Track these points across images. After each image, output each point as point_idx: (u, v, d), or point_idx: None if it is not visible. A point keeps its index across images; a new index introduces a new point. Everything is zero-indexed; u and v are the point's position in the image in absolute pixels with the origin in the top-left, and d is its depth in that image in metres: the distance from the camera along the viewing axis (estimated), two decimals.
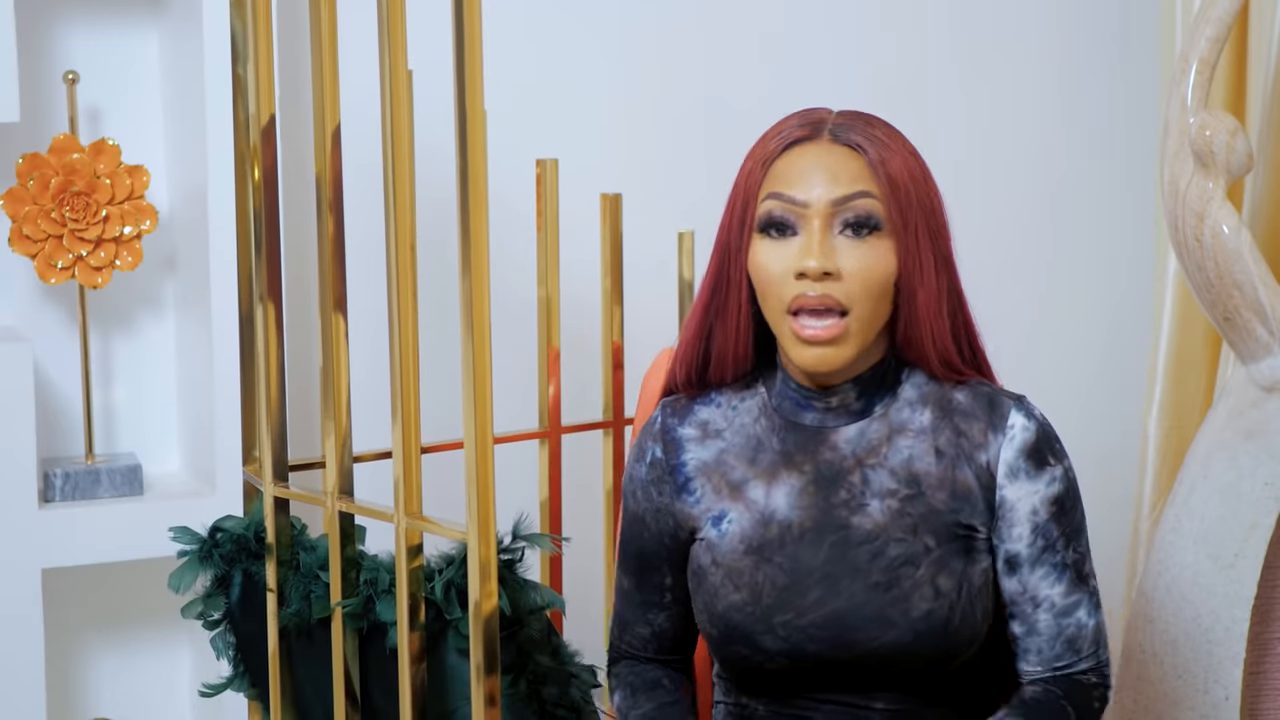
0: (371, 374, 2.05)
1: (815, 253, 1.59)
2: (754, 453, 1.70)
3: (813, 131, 1.64)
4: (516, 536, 1.68)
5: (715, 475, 1.70)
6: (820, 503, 1.66)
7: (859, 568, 1.63)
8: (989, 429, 1.66)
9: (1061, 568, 1.66)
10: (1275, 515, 2.10)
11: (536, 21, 2.51)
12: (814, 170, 1.62)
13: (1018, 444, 1.65)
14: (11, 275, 2.28)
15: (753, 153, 1.67)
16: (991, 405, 1.67)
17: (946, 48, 2.79)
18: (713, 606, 1.66)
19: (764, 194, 1.63)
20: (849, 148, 1.63)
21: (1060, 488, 1.66)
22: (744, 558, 1.66)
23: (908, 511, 1.64)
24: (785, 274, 1.61)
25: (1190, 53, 2.16)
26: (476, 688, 1.60)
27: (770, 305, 1.64)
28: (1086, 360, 2.94)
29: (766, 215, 1.62)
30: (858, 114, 1.67)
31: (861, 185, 1.62)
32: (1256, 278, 2.12)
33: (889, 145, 1.64)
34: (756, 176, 1.64)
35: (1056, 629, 1.66)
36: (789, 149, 1.64)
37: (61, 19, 2.29)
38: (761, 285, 1.64)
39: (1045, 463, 1.66)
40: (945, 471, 1.65)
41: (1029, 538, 1.65)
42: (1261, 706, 2.18)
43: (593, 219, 2.18)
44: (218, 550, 1.85)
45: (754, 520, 1.67)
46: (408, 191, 1.65)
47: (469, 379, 1.57)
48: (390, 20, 1.62)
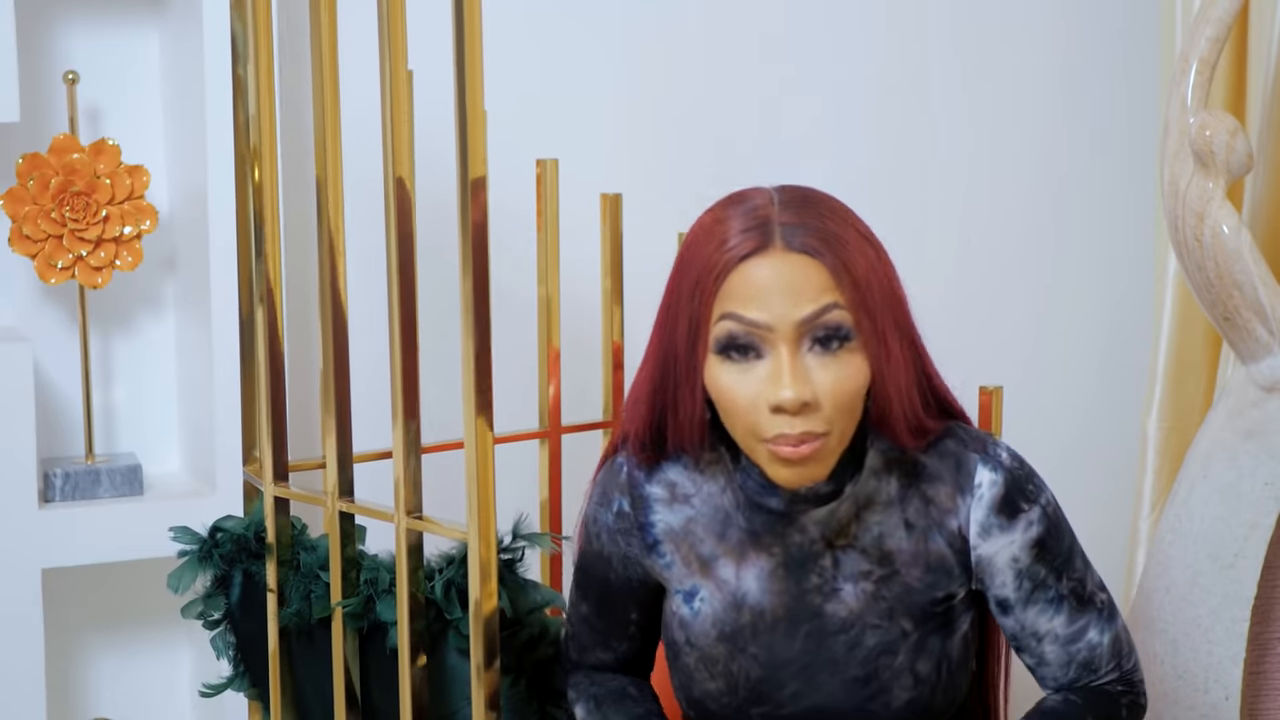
0: (371, 374, 2.05)
1: (789, 382, 1.47)
2: (722, 527, 1.62)
3: (762, 239, 1.49)
4: (516, 536, 1.68)
5: (684, 545, 1.63)
6: (792, 588, 1.60)
7: (836, 660, 1.59)
8: (956, 492, 1.59)
9: (1058, 601, 1.61)
10: (1275, 515, 2.10)
11: (537, 22, 2.51)
12: (773, 289, 1.48)
13: (986, 502, 1.59)
14: (11, 275, 2.28)
15: (696, 256, 1.53)
16: (958, 465, 1.60)
17: (948, 47, 2.79)
18: (689, 689, 1.64)
19: (718, 312, 1.50)
20: (805, 254, 1.49)
21: (1038, 530, 1.60)
22: (717, 644, 1.61)
23: (882, 595, 1.59)
24: (755, 403, 1.49)
25: (1190, 53, 2.16)
26: (477, 688, 1.60)
27: (739, 430, 1.53)
28: (1086, 360, 2.94)
29: (727, 336, 1.50)
30: (803, 200, 1.53)
31: (828, 298, 1.49)
32: (1256, 278, 2.12)
33: (843, 239, 1.50)
34: (707, 290, 1.50)
35: (1066, 656, 1.63)
36: (741, 262, 1.49)
37: (61, 19, 2.29)
38: (727, 410, 1.52)
39: (1018, 511, 1.59)
40: (917, 545, 1.59)
41: (1014, 583, 1.60)
42: (1261, 706, 2.18)
43: (593, 219, 2.18)
44: (218, 550, 1.85)
45: (725, 603, 1.61)
46: (407, 191, 1.65)
47: (469, 379, 1.57)
48: (390, 20, 1.62)
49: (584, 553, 1.72)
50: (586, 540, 1.71)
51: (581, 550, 1.72)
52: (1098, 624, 1.63)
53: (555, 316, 2.09)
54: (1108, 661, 1.64)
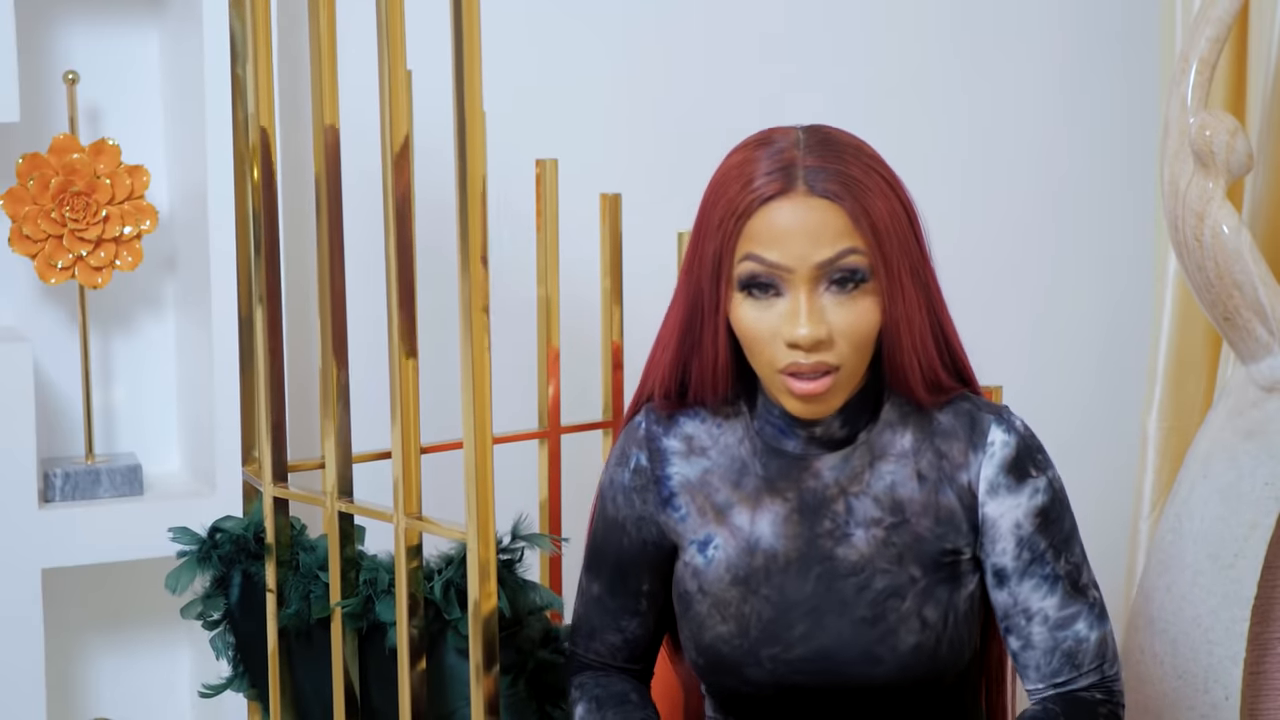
0: (371, 374, 2.05)
1: (805, 321, 1.55)
2: (738, 476, 1.67)
3: (785, 183, 1.55)
4: (516, 536, 1.68)
5: (700, 495, 1.68)
6: (805, 532, 1.64)
7: (846, 601, 1.61)
8: (969, 448, 1.64)
9: (1053, 579, 1.63)
10: (1275, 515, 2.10)
11: (536, 21, 2.51)
12: (794, 232, 1.55)
13: (997, 460, 1.63)
14: (11, 275, 2.28)
15: (721, 197, 1.59)
16: (972, 423, 1.65)
17: (947, 47, 2.79)
18: (700, 637, 1.65)
19: (741, 252, 1.57)
20: (826, 199, 1.55)
21: (1044, 499, 1.63)
22: (730, 588, 1.64)
23: (893, 541, 1.62)
24: (774, 337, 1.57)
25: (1190, 53, 2.16)
26: (476, 688, 1.60)
27: (759, 362, 1.60)
28: (1086, 360, 2.94)
29: (749, 275, 1.57)
30: (826, 143, 1.58)
31: (845, 242, 1.55)
32: (1256, 278, 2.12)
33: (865, 185, 1.57)
34: (730, 230, 1.57)
35: (1053, 642, 1.63)
36: (764, 205, 1.56)
37: (61, 19, 2.29)
38: (748, 342, 1.60)
39: (1026, 475, 1.63)
40: (928, 496, 1.63)
41: (1014, 550, 1.62)
42: (1261, 706, 2.18)
43: (593, 219, 2.18)
44: (217, 551, 1.85)
45: (739, 548, 1.65)
46: (408, 191, 1.65)
47: (468, 379, 1.57)
48: (389, 20, 1.62)
49: (598, 527, 1.74)
50: (601, 510, 1.74)
51: (595, 525, 1.75)
52: (1088, 618, 1.64)
53: (555, 316, 2.09)
54: (1091, 660, 1.64)
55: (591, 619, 1.75)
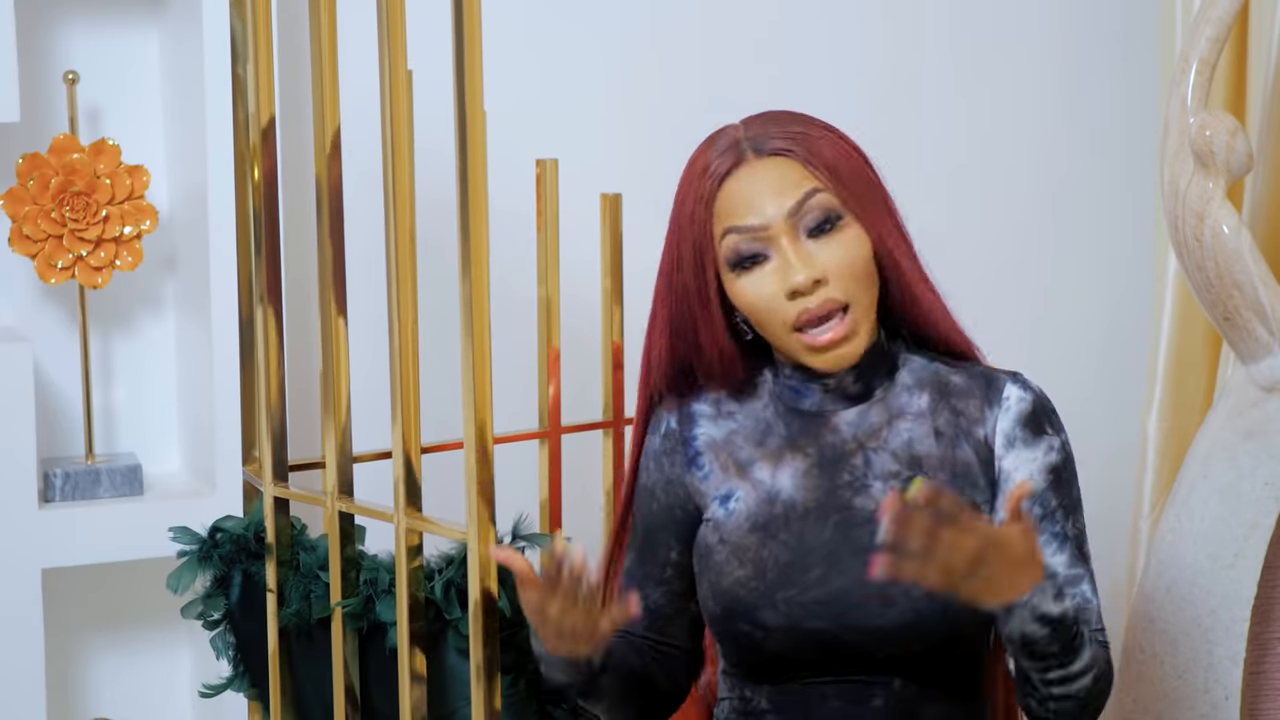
0: (371, 374, 2.05)
1: (797, 265, 1.61)
2: (762, 435, 1.72)
3: (736, 156, 1.64)
4: (516, 536, 1.68)
5: (723, 454, 1.72)
6: (824, 484, 1.68)
7: (862, 546, 1.64)
8: (985, 404, 1.68)
9: (1062, 539, 1.66)
10: (1275, 515, 2.10)
11: (536, 22, 2.51)
12: (756, 192, 1.63)
13: (1014, 414, 1.68)
14: (11, 275, 2.28)
15: (686, 195, 1.67)
16: (988, 381, 1.70)
17: (946, 48, 2.79)
18: (717, 584, 1.67)
19: (719, 231, 1.64)
20: (774, 156, 1.64)
21: (1058, 458, 1.68)
22: (749, 535, 1.68)
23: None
24: (776, 298, 1.63)
25: (1190, 53, 2.16)
26: (476, 688, 1.60)
27: (773, 329, 1.65)
28: (1086, 360, 2.94)
29: (734, 251, 1.63)
30: (764, 116, 1.68)
31: (807, 185, 1.63)
32: (1256, 278, 2.12)
33: (807, 134, 1.65)
34: (701, 216, 1.64)
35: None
36: (724, 181, 1.64)
37: (61, 19, 2.29)
38: (756, 314, 1.65)
39: (1043, 431, 1.68)
40: (945, 451, 1.67)
41: (1026, 505, 1.65)
42: (1261, 706, 2.18)
43: (593, 219, 2.18)
44: (217, 550, 1.85)
45: (760, 499, 1.69)
46: (407, 191, 1.65)
47: (468, 379, 1.57)
48: (390, 20, 1.62)
49: (636, 496, 1.78)
50: (638, 479, 1.78)
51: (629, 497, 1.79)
52: (1090, 584, 1.67)
53: (555, 316, 2.09)
54: (1096, 622, 1.66)
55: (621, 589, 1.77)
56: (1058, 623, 1.54)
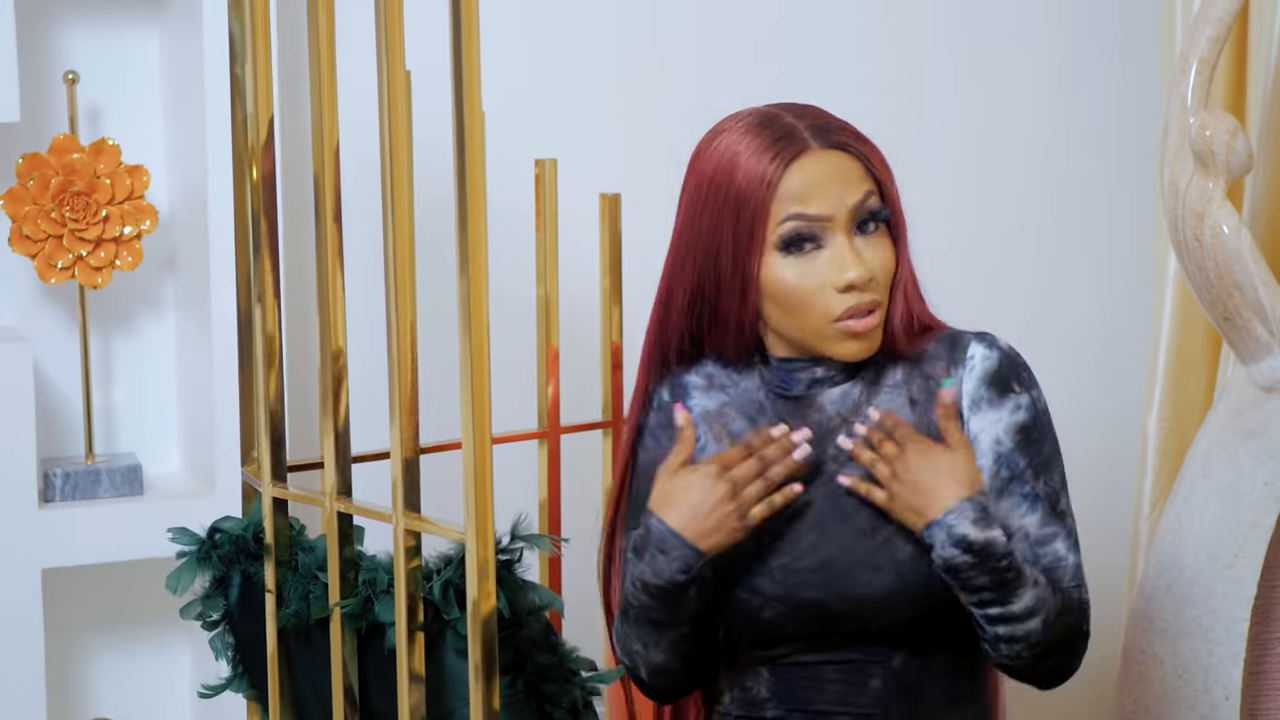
0: (371, 374, 2.05)
1: (853, 263, 1.66)
2: (755, 411, 1.76)
3: (799, 143, 1.68)
4: (515, 537, 1.68)
5: (716, 425, 1.77)
6: (811, 460, 1.72)
7: (847, 514, 1.69)
8: (950, 364, 1.72)
9: (1033, 499, 1.68)
10: (1275, 515, 2.10)
11: (535, 21, 2.51)
12: (825, 182, 1.67)
13: (978, 373, 1.71)
14: (11, 275, 2.28)
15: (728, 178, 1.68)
16: (953, 343, 1.74)
17: (946, 48, 2.79)
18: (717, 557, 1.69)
19: (780, 214, 1.66)
20: (838, 150, 1.68)
21: (1025, 416, 1.70)
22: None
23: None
24: (823, 288, 1.67)
25: (1190, 53, 2.16)
26: (475, 688, 1.60)
27: (809, 317, 1.68)
28: (1086, 360, 2.94)
29: (794, 233, 1.66)
30: (808, 110, 1.72)
31: (866, 185, 1.68)
32: (1256, 278, 2.12)
33: (857, 135, 1.71)
34: (761, 197, 1.66)
35: (1033, 557, 1.67)
36: (790, 165, 1.67)
37: (61, 19, 2.29)
38: (796, 301, 1.68)
39: (1009, 390, 1.70)
40: (920, 419, 1.71)
41: (992, 468, 1.68)
42: (1261, 706, 2.18)
43: (591, 219, 2.18)
44: (216, 551, 1.85)
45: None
46: (406, 191, 1.65)
47: (467, 379, 1.57)
48: (388, 20, 1.62)
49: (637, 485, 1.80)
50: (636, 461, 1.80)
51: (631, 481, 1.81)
52: (1066, 542, 1.68)
53: (554, 316, 2.09)
54: (1070, 580, 1.68)
55: (622, 569, 1.80)
56: (981, 551, 1.58)
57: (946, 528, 1.58)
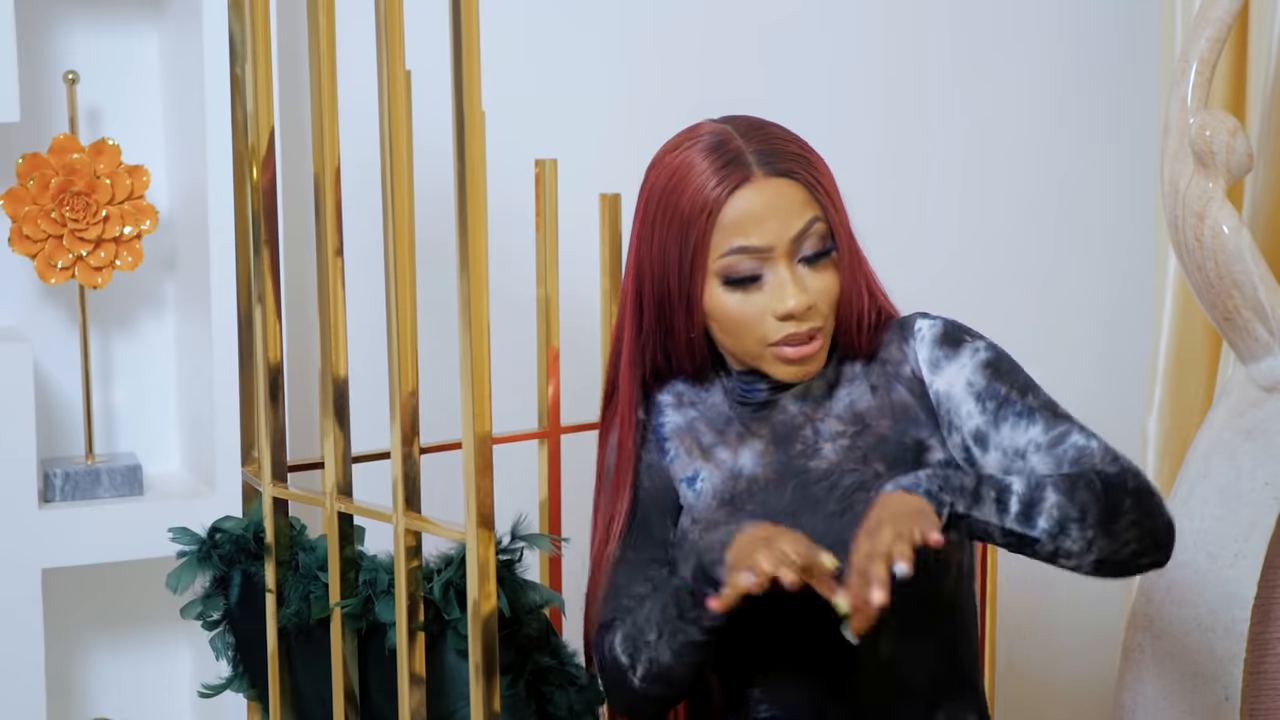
0: (371, 374, 2.05)
1: (793, 293, 1.67)
2: (723, 424, 1.80)
3: (743, 170, 1.67)
4: (515, 537, 1.68)
5: (688, 439, 1.80)
6: (781, 457, 1.76)
7: (818, 500, 1.72)
8: (902, 343, 1.75)
9: (1029, 412, 1.69)
10: (1275, 515, 2.10)
11: (535, 21, 2.51)
12: (766, 213, 1.67)
13: (929, 340, 1.74)
14: (11, 275, 2.28)
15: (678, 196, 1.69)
16: (900, 324, 1.77)
17: (946, 48, 2.79)
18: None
19: (720, 247, 1.68)
20: (783, 178, 1.68)
21: (987, 354, 1.73)
22: (718, 510, 1.75)
23: (857, 445, 1.73)
24: (762, 317, 1.69)
25: (1190, 53, 2.16)
26: (475, 688, 1.60)
27: (746, 341, 1.72)
28: (1086, 361, 2.94)
29: (732, 269, 1.68)
30: (759, 129, 1.71)
31: (810, 212, 1.69)
32: (1256, 278, 2.12)
33: (806, 158, 1.70)
34: (702, 226, 1.68)
35: (1055, 460, 1.67)
36: (731, 195, 1.67)
37: (61, 19, 2.29)
38: (734, 329, 1.71)
39: (961, 341, 1.74)
40: (882, 400, 1.74)
41: (978, 407, 1.70)
42: (1261, 706, 2.18)
43: (591, 218, 2.18)
44: (217, 551, 1.85)
45: (724, 477, 1.78)
46: (406, 191, 1.65)
47: (467, 379, 1.57)
48: (388, 20, 1.62)
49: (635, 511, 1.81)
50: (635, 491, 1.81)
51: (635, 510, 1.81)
52: (1080, 433, 1.69)
53: (554, 316, 2.09)
54: (1104, 458, 1.66)
55: (615, 580, 1.78)
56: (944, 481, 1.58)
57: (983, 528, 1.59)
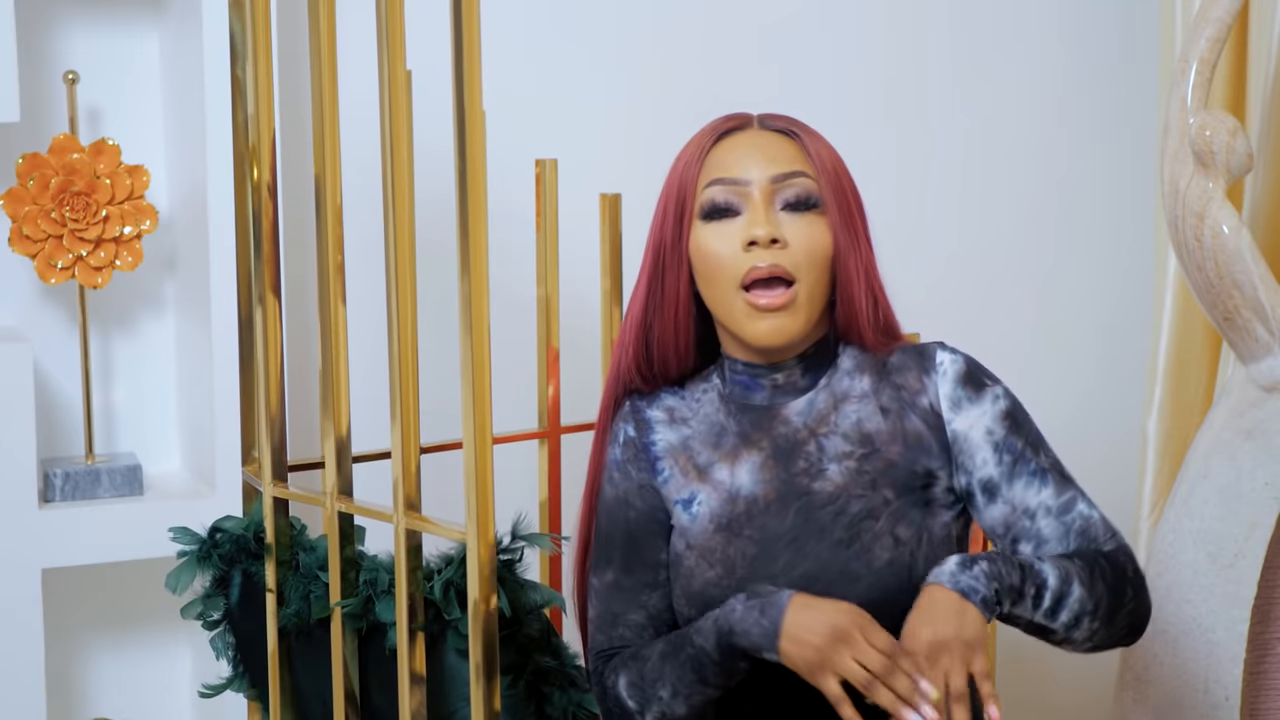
0: (371, 374, 2.05)
1: (763, 222, 1.67)
2: (717, 438, 1.75)
3: (741, 123, 1.73)
4: (516, 536, 1.68)
5: (682, 458, 1.75)
6: (781, 474, 1.71)
7: (823, 528, 1.67)
8: (921, 373, 1.72)
9: (1041, 473, 1.69)
10: (1275, 515, 2.10)
11: (536, 22, 2.51)
12: (751, 153, 1.70)
13: (951, 376, 1.72)
14: (11, 275, 2.29)
15: (681, 157, 1.74)
16: (919, 352, 1.74)
17: (947, 48, 2.79)
18: (689, 586, 1.69)
19: (704, 183, 1.70)
20: (779, 133, 1.72)
21: (1006, 404, 1.71)
22: (714, 535, 1.70)
23: (865, 469, 1.69)
24: (733, 249, 1.68)
25: (1190, 53, 2.16)
26: (476, 688, 1.60)
27: (720, 284, 1.69)
28: (1086, 361, 2.94)
29: (710, 202, 1.69)
30: (782, 114, 1.75)
31: (797, 166, 1.70)
32: (1256, 278, 2.12)
33: (813, 134, 1.73)
34: (694, 169, 1.71)
35: (1063, 528, 1.68)
36: (721, 139, 1.72)
37: (61, 19, 2.29)
38: (709, 266, 1.70)
39: (983, 385, 1.72)
40: (894, 425, 1.71)
41: (994, 457, 1.69)
42: (1261, 706, 2.18)
43: (592, 219, 2.18)
44: (217, 551, 1.85)
45: (722, 499, 1.72)
46: (407, 191, 1.65)
47: (468, 379, 1.57)
48: (389, 20, 1.62)
49: (600, 519, 1.78)
50: (601, 495, 1.79)
51: (597, 520, 1.79)
52: (1084, 501, 1.69)
53: (554, 316, 2.09)
54: (1104, 533, 1.68)
55: (611, 607, 1.76)
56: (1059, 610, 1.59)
57: (1020, 622, 1.61)
